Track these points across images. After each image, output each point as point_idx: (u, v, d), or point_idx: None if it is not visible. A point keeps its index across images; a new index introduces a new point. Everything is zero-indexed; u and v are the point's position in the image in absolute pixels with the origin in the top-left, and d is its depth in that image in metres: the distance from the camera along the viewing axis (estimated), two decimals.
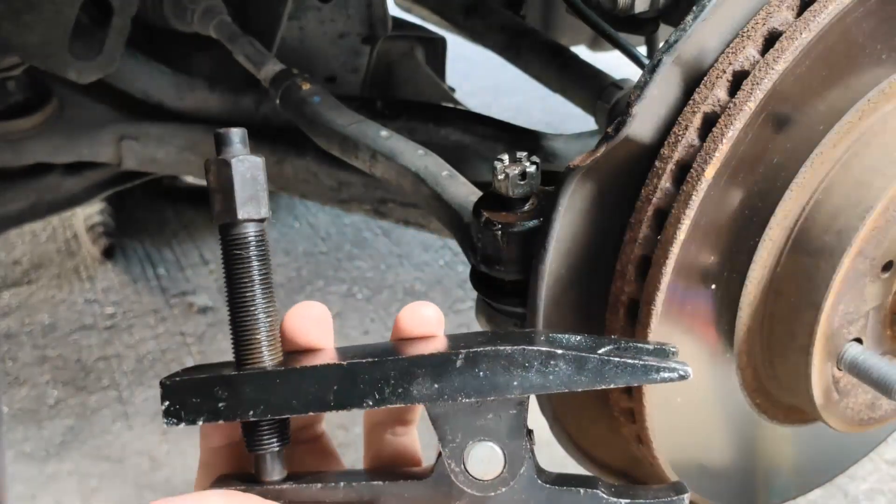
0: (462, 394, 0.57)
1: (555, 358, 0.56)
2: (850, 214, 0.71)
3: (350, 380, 0.58)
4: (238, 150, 0.59)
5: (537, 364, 0.56)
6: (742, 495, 0.89)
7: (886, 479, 1.63)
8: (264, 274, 0.60)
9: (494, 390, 0.57)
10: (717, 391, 0.79)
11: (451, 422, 0.58)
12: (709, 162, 0.67)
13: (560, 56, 1.28)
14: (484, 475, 0.58)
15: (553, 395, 0.79)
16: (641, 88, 0.68)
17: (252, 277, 0.60)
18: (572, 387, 0.56)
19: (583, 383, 0.56)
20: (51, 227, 2.37)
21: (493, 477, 0.58)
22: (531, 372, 0.56)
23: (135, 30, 1.19)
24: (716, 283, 0.73)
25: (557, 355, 0.56)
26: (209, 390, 0.59)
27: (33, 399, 1.86)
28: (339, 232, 2.38)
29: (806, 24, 0.66)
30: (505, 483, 0.58)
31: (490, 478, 0.58)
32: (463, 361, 0.57)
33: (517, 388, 0.57)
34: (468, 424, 0.58)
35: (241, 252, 0.60)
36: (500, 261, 0.76)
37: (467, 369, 0.57)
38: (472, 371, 0.57)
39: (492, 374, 0.57)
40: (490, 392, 0.57)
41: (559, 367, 0.56)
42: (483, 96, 3.00)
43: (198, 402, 0.59)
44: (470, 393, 0.57)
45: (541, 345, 0.56)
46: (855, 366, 0.75)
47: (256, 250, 0.60)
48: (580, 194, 0.71)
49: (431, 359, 0.57)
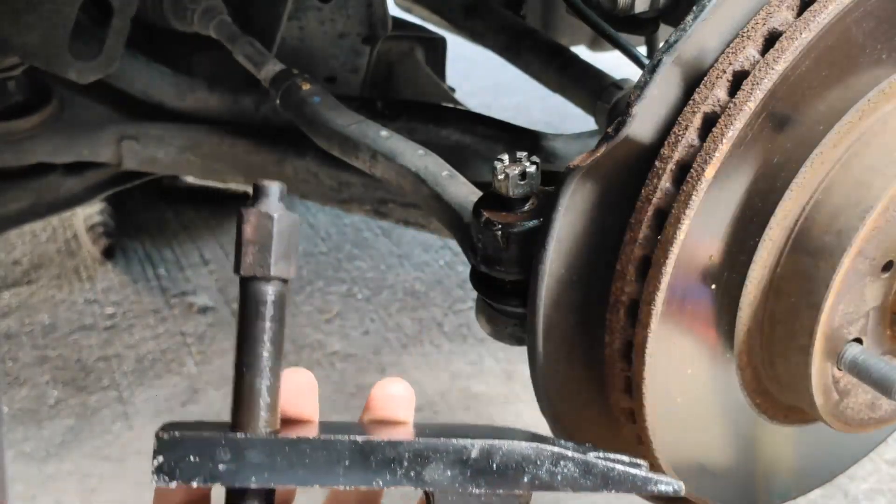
0: (474, 484, 0.57)
1: (565, 459, 0.58)
2: (850, 214, 0.71)
3: (363, 456, 0.57)
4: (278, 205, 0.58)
5: (548, 463, 0.58)
6: (742, 495, 0.89)
7: (886, 479, 1.63)
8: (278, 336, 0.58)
9: (505, 484, 0.58)
10: (717, 391, 0.79)
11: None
12: (709, 162, 0.67)
13: (560, 56, 1.28)
14: None
15: (552, 395, 0.79)
16: (641, 88, 0.68)
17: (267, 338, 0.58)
18: (576, 488, 0.57)
19: (587, 487, 0.58)
20: (51, 227, 2.37)
21: None
22: (542, 470, 0.58)
23: (135, 30, 1.19)
24: (716, 283, 0.73)
25: (568, 457, 0.58)
26: (211, 451, 0.56)
27: (33, 399, 1.86)
28: (339, 232, 2.38)
29: (806, 24, 0.66)
30: None
31: None
32: (478, 452, 0.57)
33: (527, 485, 0.58)
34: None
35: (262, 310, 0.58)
36: (500, 261, 0.76)
37: (482, 461, 0.58)
38: (487, 463, 0.57)
39: (504, 469, 0.57)
40: (500, 485, 0.58)
41: (568, 468, 0.58)
42: (483, 96, 2.99)
43: (196, 461, 0.56)
44: (481, 484, 0.57)
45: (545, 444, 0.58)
46: (855, 366, 0.75)
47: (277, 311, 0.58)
48: (580, 194, 0.71)
49: (448, 445, 0.57)
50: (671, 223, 0.68)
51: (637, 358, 0.73)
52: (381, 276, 2.20)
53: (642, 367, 0.72)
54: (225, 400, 1.80)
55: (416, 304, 2.08)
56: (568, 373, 0.80)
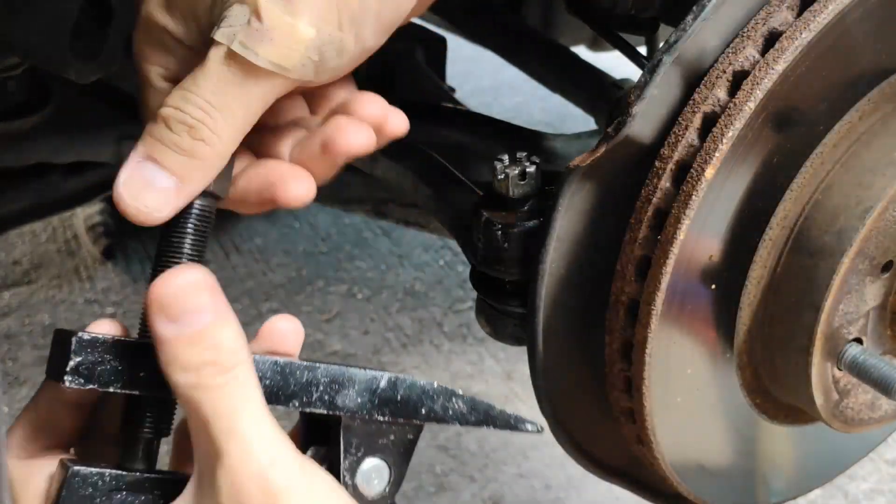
0: (379, 412, 0.63)
1: (456, 397, 0.66)
2: (850, 214, 0.71)
3: (283, 376, 0.60)
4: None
5: (442, 399, 0.65)
6: (742, 495, 0.89)
7: (886, 479, 1.63)
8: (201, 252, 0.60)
9: (406, 414, 0.64)
10: (717, 391, 0.79)
11: (357, 437, 0.62)
12: (709, 162, 0.67)
13: (560, 56, 1.28)
14: (370, 491, 0.63)
15: (552, 395, 0.79)
16: (641, 88, 0.68)
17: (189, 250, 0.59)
18: (463, 423, 0.66)
19: (471, 421, 0.66)
20: (51, 227, 2.37)
21: (377, 494, 0.63)
22: (437, 404, 0.65)
23: None
24: (716, 283, 0.73)
25: (459, 395, 0.66)
26: (131, 356, 0.56)
27: None
28: (340, 232, 2.38)
29: (806, 24, 0.66)
30: (384, 501, 0.64)
31: (373, 494, 0.63)
32: (386, 383, 0.63)
33: (424, 416, 0.64)
34: (371, 442, 0.63)
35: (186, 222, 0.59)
36: (500, 261, 0.76)
37: (389, 390, 0.63)
38: (393, 393, 0.63)
39: (407, 400, 0.64)
40: (402, 414, 0.64)
41: (458, 404, 0.66)
42: (483, 96, 2.99)
43: (115, 366, 0.55)
44: (386, 412, 0.63)
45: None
46: (855, 366, 0.75)
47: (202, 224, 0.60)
48: (580, 194, 0.71)
49: (360, 373, 0.62)
50: (671, 223, 0.68)
51: (637, 358, 0.73)
52: (381, 276, 2.20)
53: (642, 367, 0.72)
54: None
55: (416, 304, 2.08)
56: (568, 373, 0.80)
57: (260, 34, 0.52)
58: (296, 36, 0.53)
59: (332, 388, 0.61)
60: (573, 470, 1.65)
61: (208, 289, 0.54)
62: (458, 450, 1.70)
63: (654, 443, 0.77)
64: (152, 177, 0.55)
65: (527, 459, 1.67)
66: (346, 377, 0.62)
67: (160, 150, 0.55)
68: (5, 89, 1.41)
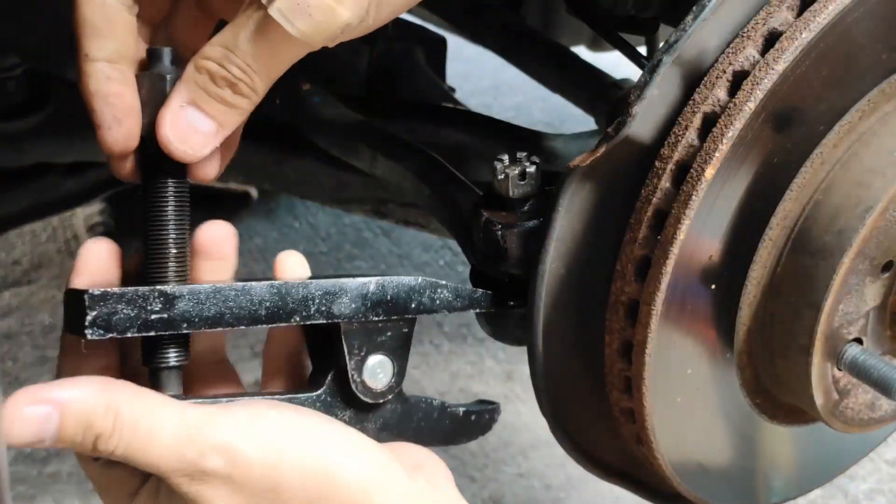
0: (373, 313, 0.68)
1: (441, 287, 0.71)
2: (850, 214, 0.71)
3: (280, 297, 0.65)
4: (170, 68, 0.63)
5: (429, 291, 0.71)
6: (742, 495, 0.89)
7: (886, 479, 1.63)
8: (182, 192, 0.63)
9: (398, 311, 0.69)
10: (717, 391, 0.79)
11: (358, 338, 0.68)
12: (709, 162, 0.67)
13: (560, 56, 1.28)
14: (377, 385, 0.69)
15: (552, 395, 0.79)
16: (641, 88, 0.68)
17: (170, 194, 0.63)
18: (451, 310, 0.72)
19: (458, 307, 0.73)
20: (51, 227, 2.37)
21: (384, 386, 0.69)
22: (424, 297, 0.70)
23: None
24: (716, 283, 0.73)
25: (443, 285, 0.72)
26: (143, 302, 0.60)
27: None
28: (339, 232, 2.38)
29: (806, 24, 0.66)
30: (392, 391, 0.70)
31: (381, 387, 0.69)
32: (375, 286, 0.69)
33: (414, 310, 0.70)
34: (371, 341, 0.69)
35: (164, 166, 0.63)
36: (499, 261, 0.76)
37: (378, 293, 0.69)
38: (383, 295, 0.69)
39: (396, 299, 0.70)
40: (394, 312, 0.69)
41: (444, 294, 0.72)
42: (483, 96, 2.99)
43: (130, 313, 0.59)
44: (380, 313, 0.69)
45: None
46: (855, 366, 0.75)
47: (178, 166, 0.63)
48: (580, 194, 0.71)
49: (350, 283, 0.68)
50: (671, 223, 0.68)
51: (637, 358, 0.73)
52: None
53: (642, 367, 0.72)
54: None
55: None
56: (568, 373, 0.80)
57: (301, 8, 0.57)
58: (334, 16, 0.58)
59: (327, 300, 0.66)
60: (573, 470, 1.65)
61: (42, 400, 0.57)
62: (458, 450, 1.70)
63: (654, 443, 0.77)
64: (195, 120, 0.61)
65: (527, 459, 1.67)
66: (337, 287, 0.67)
67: (204, 98, 0.60)
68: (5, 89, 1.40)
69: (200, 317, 0.61)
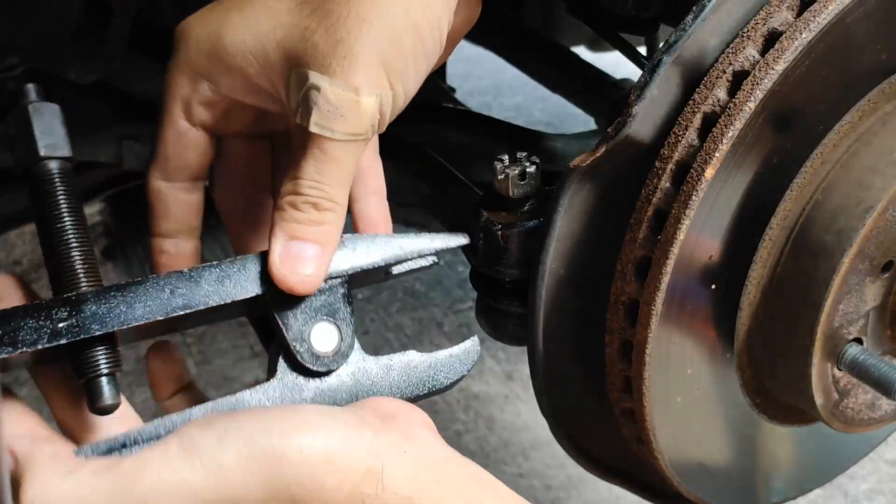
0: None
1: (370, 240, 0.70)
2: (850, 214, 0.71)
3: (194, 282, 0.64)
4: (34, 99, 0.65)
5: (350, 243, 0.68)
6: (742, 495, 0.89)
7: (886, 479, 1.63)
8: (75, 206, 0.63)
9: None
10: (717, 391, 0.80)
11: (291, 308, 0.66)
12: (709, 162, 0.67)
13: (560, 56, 1.28)
14: (326, 348, 0.67)
15: (552, 395, 0.79)
16: (641, 88, 0.68)
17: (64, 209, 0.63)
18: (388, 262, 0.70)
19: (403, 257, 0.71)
20: None
21: (332, 350, 0.67)
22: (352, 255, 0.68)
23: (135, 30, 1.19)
24: (716, 283, 0.73)
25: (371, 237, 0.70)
26: (48, 312, 0.59)
27: (33, 399, 1.85)
28: None
29: (806, 24, 0.66)
30: (344, 357, 0.67)
31: (330, 350, 0.67)
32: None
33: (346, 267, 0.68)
34: (306, 308, 0.66)
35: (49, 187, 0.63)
36: (499, 261, 0.76)
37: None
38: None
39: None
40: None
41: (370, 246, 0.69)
42: (483, 96, 2.99)
43: (35, 325, 0.59)
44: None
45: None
46: (855, 366, 0.75)
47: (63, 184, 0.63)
48: (580, 194, 0.71)
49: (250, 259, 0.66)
50: (671, 223, 0.68)
51: (637, 358, 0.73)
52: None
53: (642, 367, 0.72)
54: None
55: (416, 304, 2.08)
56: (568, 373, 0.80)
57: (332, 113, 0.61)
58: (361, 107, 0.62)
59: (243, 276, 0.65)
60: (573, 470, 1.65)
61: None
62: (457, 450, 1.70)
63: (654, 443, 0.77)
64: (300, 250, 0.64)
65: (527, 459, 1.67)
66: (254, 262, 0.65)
67: (298, 228, 0.64)
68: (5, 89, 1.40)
69: (112, 315, 0.60)
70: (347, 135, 0.62)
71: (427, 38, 0.64)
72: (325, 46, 0.61)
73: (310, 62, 0.62)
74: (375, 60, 0.61)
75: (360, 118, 0.62)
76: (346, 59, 0.61)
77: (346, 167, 0.64)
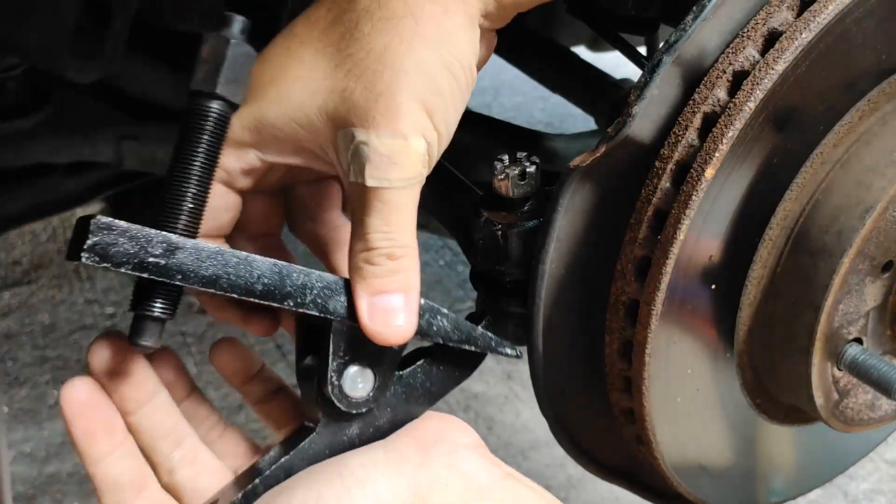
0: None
1: (441, 315, 0.69)
2: (850, 214, 0.71)
3: (280, 277, 0.64)
4: (238, 35, 0.63)
5: (428, 315, 0.68)
6: (742, 495, 0.89)
7: (886, 479, 1.64)
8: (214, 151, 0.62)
9: None
10: (717, 391, 0.79)
11: (345, 341, 0.66)
12: (709, 162, 0.67)
13: (560, 56, 1.28)
14: (354, 393, 0.67)
15: (552, 395, 0.79)
16: (641, 88, 0.68)
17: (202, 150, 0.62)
18: (446, 340, 0.70)
19: (454, 339, 0.71)
20: (51, 227, 2.37)
21: (361, 397, 0.68)
22: (422, 320, 0.68)
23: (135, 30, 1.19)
24: (716, 283, 0.73)
25: (444, 314, 0.70)
26: (145, 243, 0.59)
27: (33, 399, 1.86)
28: None
29: (806, 24, 0.66)
30: (368, 404, 0.68)
31: (357, 396, 0.67)
32: None
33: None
34: (358, 348, 0.67)
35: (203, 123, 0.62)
36: (499, 261, 0.76)
37: None
38: None
39: None
40: None
41: (443, 322, 0.69)
42: (483, 96, 2.99)
43: (129, 249, 0.59)
44: None
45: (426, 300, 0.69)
46: (855, 366, 0.75)
47: (218, 127, 0.62)
48: (580, 194, 0.71)
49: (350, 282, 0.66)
50: (671, 223, 0.68)
51: (637, 358, 0.73)
52: None
53: (642, 367, 0.72)
54: (226, 400, 1.80)
55: None
56: (568, 373, 0.80)
57: (385, 163, 0.63)
58: (411, 150, 0.63)
59: (325, 293, 0.65)
60: (573, 470, 1.65)
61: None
62: None
63: (654, 443, 0.77)
64: (386, 303, 0.65)
65: (527, 459, 1.67)
66: (338, 285, 0.66)
67: (379, 282, 0.65)
68: (5, 89, 1.41)
69: (196, 273, 0.61)
70: (404, 180, 0.64)
71: (460, 77, 0.65)
72: (365, 102, 0.63)
73: (354, 121, 0.63)
74: (417, 106, 0.63)
75: (413, 161, 0.63)
76: (390, 110, 0.62)
77: (409, 211, 0.65)
